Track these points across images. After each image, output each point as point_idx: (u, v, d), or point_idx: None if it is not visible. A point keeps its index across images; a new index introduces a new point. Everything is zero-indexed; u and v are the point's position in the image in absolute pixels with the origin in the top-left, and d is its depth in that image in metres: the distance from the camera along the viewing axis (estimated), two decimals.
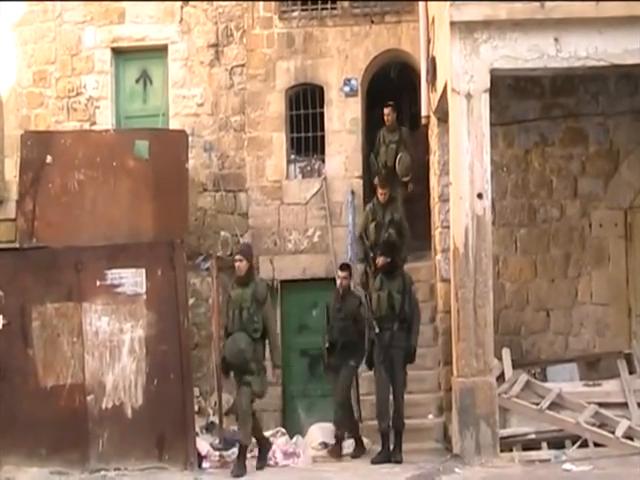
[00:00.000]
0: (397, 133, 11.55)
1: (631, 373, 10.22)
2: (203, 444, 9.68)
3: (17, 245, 10.74)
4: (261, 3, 12.52)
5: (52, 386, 9.24)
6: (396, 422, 9.30)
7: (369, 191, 12.04)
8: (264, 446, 9.18)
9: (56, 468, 8.98)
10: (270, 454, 9.47)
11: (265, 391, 9.06)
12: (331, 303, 10.06)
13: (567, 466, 8.42)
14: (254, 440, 9.13)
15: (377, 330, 9.38)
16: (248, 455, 9.13)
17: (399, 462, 9.08)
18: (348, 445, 9.96)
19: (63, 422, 9.07)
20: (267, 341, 9.04)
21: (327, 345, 9.89)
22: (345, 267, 10.17)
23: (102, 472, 9.01)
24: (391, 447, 9.25)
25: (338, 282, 10.09)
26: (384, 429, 9.29)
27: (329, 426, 10.21)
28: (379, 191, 10.79)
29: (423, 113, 11.19)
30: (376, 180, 11.10)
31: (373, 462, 9.18)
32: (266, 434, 9.88)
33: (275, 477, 8.74)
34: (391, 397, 9.39)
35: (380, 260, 9.60)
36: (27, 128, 12.31)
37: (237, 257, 9.04)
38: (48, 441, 8.99)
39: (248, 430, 8.86)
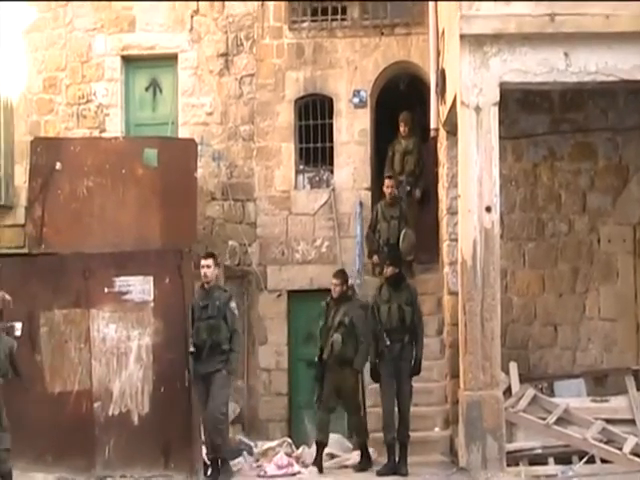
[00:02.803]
0: (397, 208, 11.39)
1: (639, 390, 10.25)
2: None
3: (26, 251, 10.82)
4: (271, 13, 12.56)
5: (59, 392, 9.37)
6: (402, 434, 9.29)
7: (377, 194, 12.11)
8: None
9: (62, 474, 9.08)
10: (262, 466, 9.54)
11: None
12: (196, 302, 9.21)
13: None
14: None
15: (388, 343, 9.32)
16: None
17: (404, 475, 9.07)
18: (352, 456, 9.99)
19: (70, 428, 9.19)
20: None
21: (192, 349, 9.04)
22: (207, 256, 9.34)
23: (108, 479, 9.09)
24: (397, 459, 9.22)
25: (205, 275, 9.18)
26: (390, 441, 9.27)
27: (337, 437, 10.24)
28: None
29: (432, 126, 11.23)
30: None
31: (379, 474, 9.18)
32: (272, 444, 9.95)
33: None
34: (396, 409, 9.35)
35: (389, 270, 9.58)
36: (37, 134, 12.33)
37: None
38: (54, 447, 9.10)
39: None
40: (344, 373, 9.52)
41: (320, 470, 9.46)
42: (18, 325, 8.37)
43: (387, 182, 11.48)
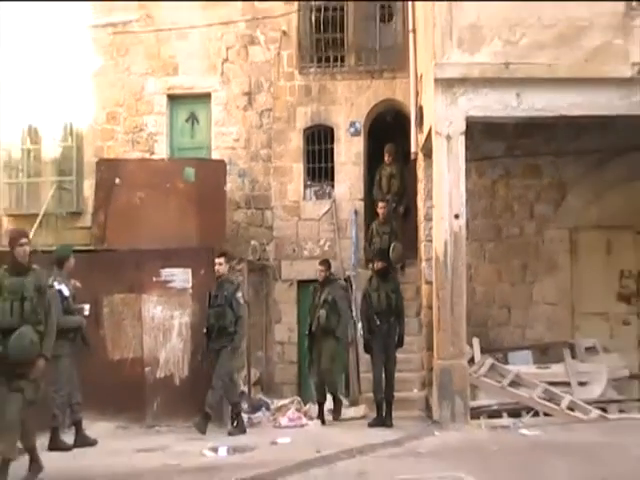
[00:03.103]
0: (389, 225, 11.32)
1: (573, 358, 10.37)
2: None
3: (92, 248, 10.82)
4: (285, 61, 12.54)
5: (118, 359, 9.46)
6: (388, 394, 9.26)
7: (370, 212, 12.13)
8: (35, 460, 6.65)
9: (120, 423, 9.18)
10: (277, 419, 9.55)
11: (39, 397, 6.48)
12: (211, 292, 9.10)
13: (523, 431, 8.47)
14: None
15: (378, 322, 9.30)
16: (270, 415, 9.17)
17: (390, 426, 9.08)
18: (350, 411, 10.00)
19: (126, 388, 9.24)
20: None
21: (205, 330, 9.00)
22: (220, 255, 9.16)
23: (156, 428, 9.20)
24: (384, 414, 9.23)
25: (217, 271, 9.09)
26: (379, 400, 9.27)
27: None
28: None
29: (412, 150, 11.19)
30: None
31: (369, 425, 9.20)
32: (285, 402, 9.92)
33: (293, 434, 8.81)
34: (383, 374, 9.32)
35: (379, 264, 9.57)
36: (101, 157, 12.38)
37: (23, 241, 6.48)
38: (114, 402, 9.13)
39: (13, 442, 6.33)
40: (327, 340, 9.51)
41: (323, 422, 9.52)
42: (87, 307, 8.40)
43: (380, 204, 11.44)
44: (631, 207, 10.97)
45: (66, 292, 8.19)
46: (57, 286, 8.12)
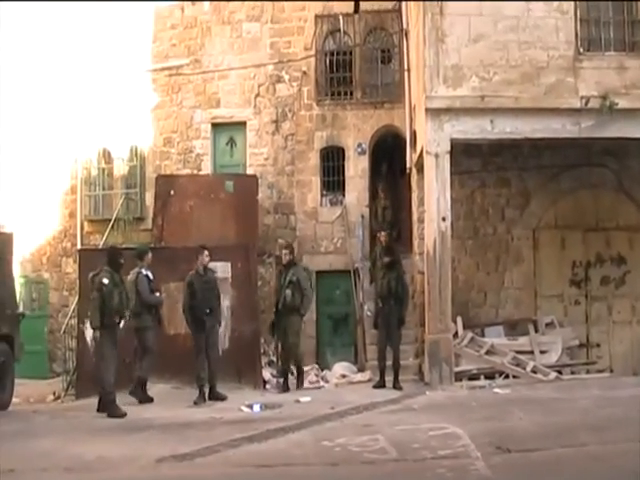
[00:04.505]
0: (390, 252, 10.30)
1: (536, 332, 10.37)
2: (266, 373, 9.81)
3: (152, 245, 10.76)
4: (305, 95, 12.50)
5: (173, 334, 9.34)
6: (395, 364, 9.02)
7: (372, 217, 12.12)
8: None
9: (175, 385, 9.15)
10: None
11: None
12: (196, 278, 8.52)
13: (496, 390, 8.51)
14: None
15: (380, 305, 9.17)
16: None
17: (400, 389, 8.78)
18: (357, 376, 10.00)
19: (180, 357, 9.10)
20: None
21: (207, 311, 8.45)
22: (205, 248, 8.59)
23: (204, 388, 9.07)
24: (386, 379, 9.04)
25: (203, 261, 8.57)
26: (381, 367, 9.17)
27: (346, 364, 10.23)
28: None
29: (407, 165, 11.16)
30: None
31: (374, 387, 9.12)
32: (306, 368, 9.88)
33: (312, 394, 8.82)
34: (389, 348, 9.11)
35: (386, 259, 9.44)
36: (159, 173, 12.44)
37: None
38: (171, 368, 9.07)
39: None
40: (291, 317, 9.12)
41: (287, 390, 8.99)
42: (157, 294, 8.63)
43: (383, 234, 10.33)
44: (580, 211, 10.99)
45: (151, 276, 8.47)
46: (144, 272, 8.35)
